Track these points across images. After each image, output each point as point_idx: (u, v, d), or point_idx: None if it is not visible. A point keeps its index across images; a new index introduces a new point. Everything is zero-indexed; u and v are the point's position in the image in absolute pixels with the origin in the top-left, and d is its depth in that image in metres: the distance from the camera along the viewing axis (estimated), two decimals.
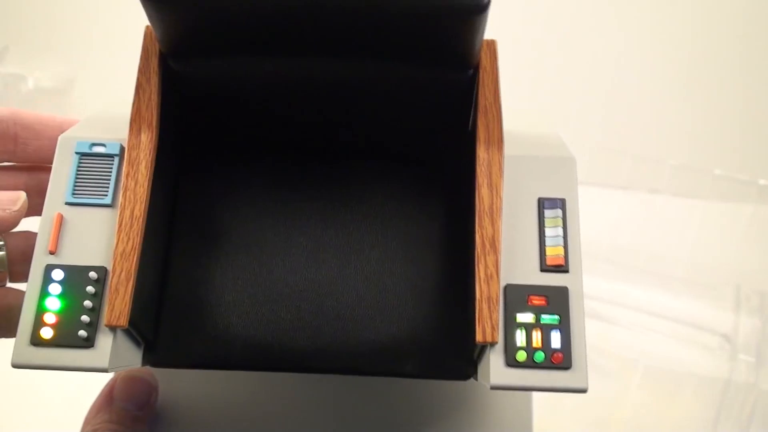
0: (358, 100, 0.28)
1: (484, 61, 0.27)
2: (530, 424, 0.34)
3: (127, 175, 0.25)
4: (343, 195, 0.29)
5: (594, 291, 0.57)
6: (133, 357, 0.26)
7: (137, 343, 0.26)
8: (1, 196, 0.26)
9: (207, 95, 0.28)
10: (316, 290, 0.28)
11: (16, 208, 0.26)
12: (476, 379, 0.27)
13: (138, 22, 0.26)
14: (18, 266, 0.27)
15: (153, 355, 0.27)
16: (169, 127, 0.27)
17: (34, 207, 0.28)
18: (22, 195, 0.27)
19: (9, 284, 0.30)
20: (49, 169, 0.26)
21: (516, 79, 0.28)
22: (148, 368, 0.33)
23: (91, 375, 0.35)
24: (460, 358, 0.27)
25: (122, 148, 0.26)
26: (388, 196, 0.29)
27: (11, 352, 0.24)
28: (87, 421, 0.31)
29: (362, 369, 0.27)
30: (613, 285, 0.58)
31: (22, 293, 0.32)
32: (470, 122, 0.28)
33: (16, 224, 0.26)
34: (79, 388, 0.50)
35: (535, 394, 0.35)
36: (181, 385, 0.35)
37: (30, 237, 0.29)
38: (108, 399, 0.32)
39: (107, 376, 0.33)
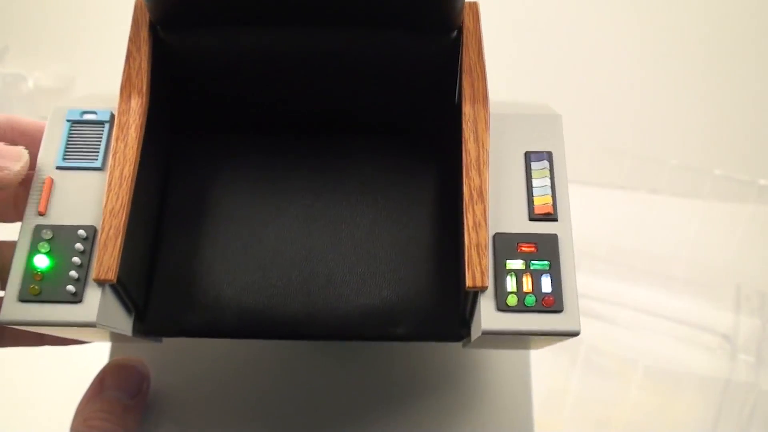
0: (345, 71, 0.28)
1: (468, 22, 0.27)
2: (531, 420, 0.34)
3: (117, 138, 0.26)
4: (333, 167, 0.29)
5: (594, 291, 0.57)
6: (123, 323, 0.26)
7: (127, 310, 0.27)
8: (2, 151, 0.26)
9: (195, 66, 0.28)
10: (306, 257, 0.28)
11: (18, 167, 0.26)
12: (470, 340, 0.27)
13: None
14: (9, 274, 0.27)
15: (144, 324, 0.27)
16: (159, 97, 0.28)
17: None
18: (24, 153, 0.26)
19: (0, 293, 0.30)
20: None
21: (516, 79, 0.28)
22: (140, 358, 0.33)
23: (81, 368, 0.35)
24: (453, 320, 0.27)
25: (113, 116, 0.27)
26: (378, 166, 0.29)
27: None
28: (78, 411, 0.31)
29: (355, 333, 0.27)
30: (613, 285, 0.58)
31: None
32: (456, 87, 0.28)
33: (15, 184, 0.26)
34: (68, 381, 0.50)
35: (534, 387, 0.35)
36: (173, 374, 0.35)
37: None
38: (99, 388, 0.32)
39: (98, 369, 0.33)
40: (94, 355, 0.36)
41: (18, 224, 0.25)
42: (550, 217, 0.25)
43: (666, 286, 0.60)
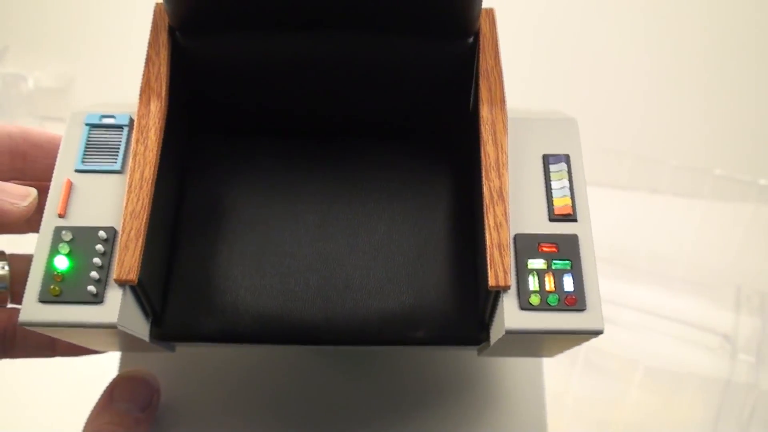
0: (361, 75, 0.28)
1: (484, 28, 0.27)
2: (544, 421, 0.34)
3: (137, 141, 0.26)
4: (349, 171, 0.29)
5: None
6: (141, 327, 0.26)
7: (145, 313, 0.26)
8: (11, 189, 0.26)
9: (213, 71, 0.28)
10: (324, 262, 0.28)
11: (25, 204, 0.26)
12: (490, 343, 0.26)
13: (138, 22, 0.27)
14: (20, 287, 0.27)
15: (160, 329, 0.27)
16: (178, 102, 0.28)
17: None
18: (33, 192, 0.26)
19: (10, 305, 0.30)
20: None
21: (515, 79, 0.28)
22: (150, 371, 0.33)
23: (91, 380, 0.34)
24: (472, 323, 0.27)
25: (131, 120, 0.27)
26: (394, 171, 0.29)
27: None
28: (88, 423, 0.31)
29: (374, 338, 0.27)
30: (613, 285, 0.58)
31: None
32: (472, 91, 0.28)
33: (21, 220, 0.26)
34: (78, 393, 0.50)
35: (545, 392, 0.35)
36: (183, 387, 0.34)
37: None
38: (109, 400, 0.32)
39: (107, 381, 0.32)
40: (104, 367, 0.36)
41: (30, 236, 0.25)
42: (570, 217, 0.25)
43: (666, 286, 0.60)
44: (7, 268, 0.30)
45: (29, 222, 0.31)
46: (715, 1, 0.69)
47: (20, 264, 0.30)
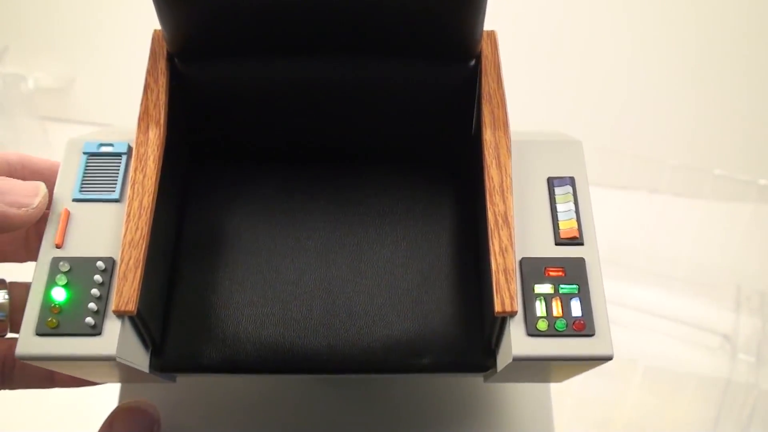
0: (363, 99, 0.28)
1: (486, 50, 0.27)
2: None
3: (135, 169, 0.25)
4: (352, 197, 0.29)
5: None
6: (140, 358, 0.26)
7: (145, 344, 0.26)
8: (17, 189, 0.25)
9: (213, 97, 0.28)
10: (327, 289, 0.27)
11: (35, 204, 0.25)
12: (496, 370, 0.26)
13: (138, 22, 0.27)
14: (20, 316, 0.26)
15: (160, 360, 0.27)
16: (177, 129, 0.28)
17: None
18: (42, 188, 0.25)
19: (9, 334, 0.30)
20: None
21: (514, 79, 0.28)
22: (150, 401, 0.33)
23: (90, 411, 0.33)
24: (477, 350, 0.26)
25: (130, 148, 0.27)
26: (397, 197, 0.29)
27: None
28: None
29: (378, 366, 0.26)
30: (613, 285, 0.58)
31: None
32: (474, 115, 0.28)
33: (32, 222, 0.25)
34: (77, 425, 0.50)
35: (536, 392, 0.35)
36: (183, 417, 0.34)
37: None
38: None
39: (107, 412, 0.32)
40: (104, 399, 0.35)
41: (28, 265, 0.25)
42: (576, 241, 0.25)
43: (666, 286, 0.60)
44: (7, 297, 0.29)
45: (29, 251, 0.31)
46: (714, 2, 0.69)
47: (20, 292, 0.29)
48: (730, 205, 0.63)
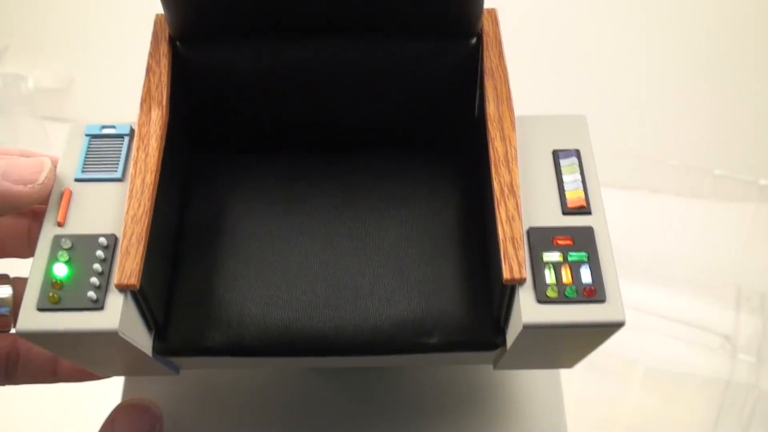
0: (365, 81, 0.28)
1: (487, 28, 0.27)
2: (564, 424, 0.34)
3: (138, 148, 0.25)
4: (356, 182, 0.29)
5: None
6: (143, 338, 0.25)
7: (148, 326, 0.26)
8: (21, 165, 0.24)
9: (214, 81, 0.28)
10: (332, 270, 0.27)
11: (41, 180, 0.24)
12: (506, 348, 0.26)
13: (138, 22, 0.26)
14: None
15: (164, 343, 0.26)
16: (179, 112, 0.28)
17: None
18: (47, 162, 0.25)
19: (13, 330, 0.29)
20: None
21: (514, 79, 0.28)
22: (152, 398, 0.33)
23: (92, 408, 0.33)
24: (486, 327, 0.26)
25: (132, 130, 0.27)
26: (401, 179, 0.29)
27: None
28: None
29: (386, 347, 0.26)
30: None
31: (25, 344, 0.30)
32: (477, 95, 0.28)
33: (40, 200, 0.25)
34: (79, 422, 0.50)
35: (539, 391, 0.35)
36: (186, 415, 0.34)
37: None
38: (110, 430, 0.30)
39: (109, 409, 0.32)
40: (106, 396, 0.35)
41: (31, 261, 0.24)
42: (584, 210, 0.25)
43: (666, 286, 0.60)
44: (10, 291, 0.29)
45: (32, 247, 0.31)
46: (716, 2, 0.69)
47: (24, 288, 0.29)
48: (731, 205, 0.63)
